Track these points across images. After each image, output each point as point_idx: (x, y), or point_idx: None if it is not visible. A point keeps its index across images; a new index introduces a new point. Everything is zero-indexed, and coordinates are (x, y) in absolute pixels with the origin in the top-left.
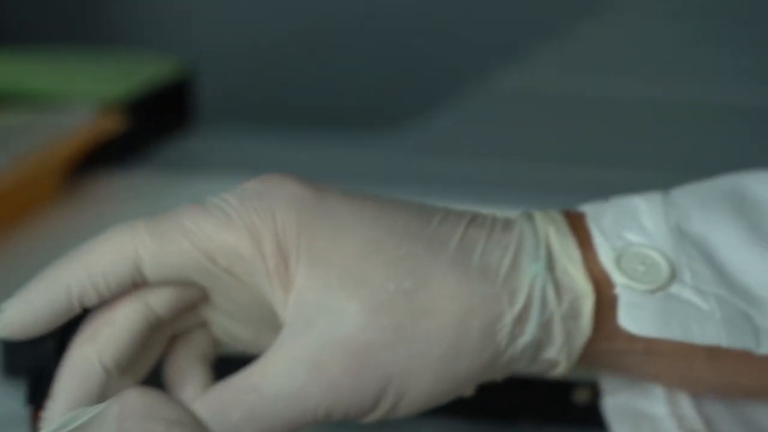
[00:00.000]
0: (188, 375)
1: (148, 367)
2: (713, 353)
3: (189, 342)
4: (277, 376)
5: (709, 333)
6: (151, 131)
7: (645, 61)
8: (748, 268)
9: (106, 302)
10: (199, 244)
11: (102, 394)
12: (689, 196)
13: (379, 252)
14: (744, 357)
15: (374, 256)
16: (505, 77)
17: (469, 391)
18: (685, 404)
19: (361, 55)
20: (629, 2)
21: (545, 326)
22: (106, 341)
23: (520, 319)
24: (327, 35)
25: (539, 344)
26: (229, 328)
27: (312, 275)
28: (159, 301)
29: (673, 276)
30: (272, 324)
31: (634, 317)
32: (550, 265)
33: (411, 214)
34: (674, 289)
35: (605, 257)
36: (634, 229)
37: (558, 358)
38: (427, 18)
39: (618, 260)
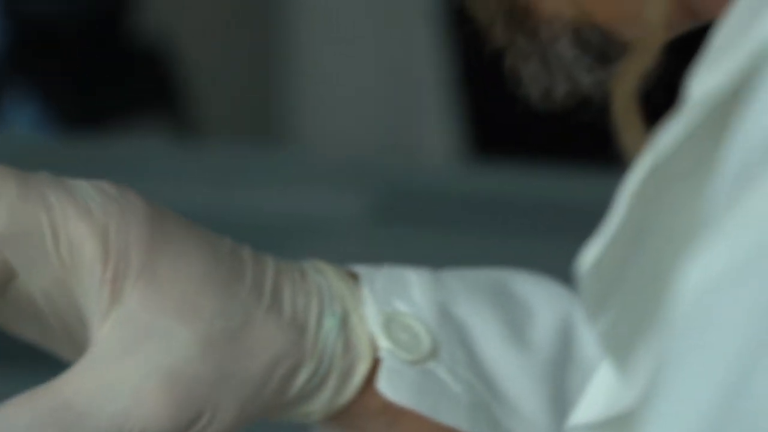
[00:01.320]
0: None
1: None
2: None
3: None
4: (97, 396)
5: (454, 415)
6: None
7: None
8: (497, 360)
9: None
10: (52, 221)
11: None
12: (458, 281)
13: (214, 287)
14: None
15: (209, 291)
16: None
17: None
18: None
19: None
20: None
21: (323, 379)
22: None
23: (313, 372)
24: None
25: (311, 395)
26: (24, 308)
27: (149, 297)
28: None
29: (434, 353)
30: (68, 326)
31: (394, 384)
32: (344, 321)
33: (234, 254)
34: (432, 365)
35: (374, 320)
36: (404, 299)
37: (316, 409)
38: None
39: (386, 325)
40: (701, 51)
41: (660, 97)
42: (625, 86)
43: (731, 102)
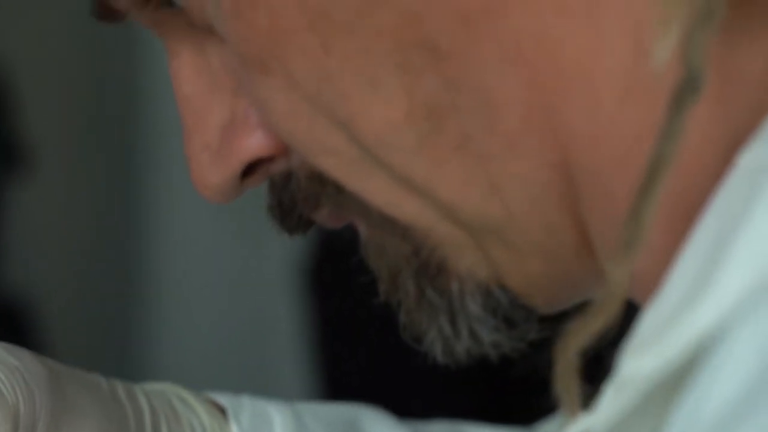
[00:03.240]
0: None
1: None
2: None
3: None
4: None
5: None
6: None
7: None
8: None
9: None
10: None
11: None
12: (315, 422)
13: None
14: None
15: None
16: None
17: None
18: None
19: None
20: None
21: None
22: None
23: None
24: None
25: None
26: None
27: None
28: None
29: None
30: None
31: None
32: None
33: (115, 400)
34: None
35: None
36: None
37: None
38: None
39: None
40: (629, 325)
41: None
42: (573, 345)
43: (668, 386)
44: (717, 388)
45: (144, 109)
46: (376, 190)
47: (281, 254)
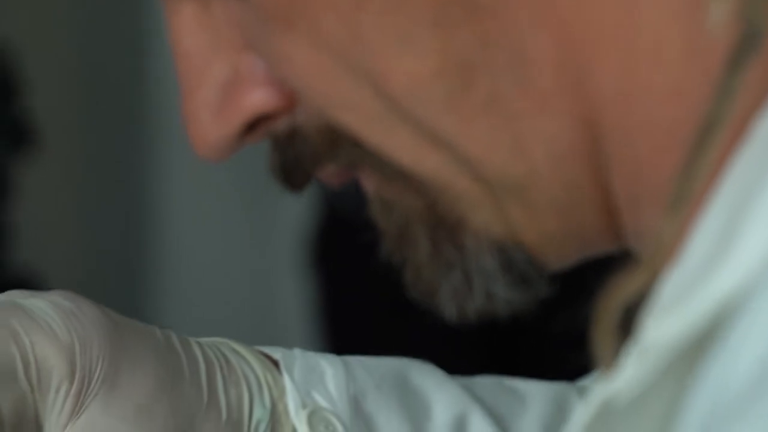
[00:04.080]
0: None
1: None
2: None
3: None
4: None
5: None
6: None
7: None
8: None
9: None
10: (20, 347)
11: None
12: (366, 374)
13: (164, 390)
14: None
15: (161, 395)
16: None
17: None
18: None
19: None
20: None
21: None
22: None
23: None
24: None
25: None
26: None
27: (110, 405)
28: None
29: None
30: None
31: None
32: (271, 412)
33: (169, 348)
34: None
35: (297, 413)
36: (321, 392)
37: None
38: None
39: (310, 417)
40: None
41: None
42: (618, 301)
43: (689, 353)
44: (745, 354)
45: (149, 87)
46: (398, 145)
47: (287, 223)
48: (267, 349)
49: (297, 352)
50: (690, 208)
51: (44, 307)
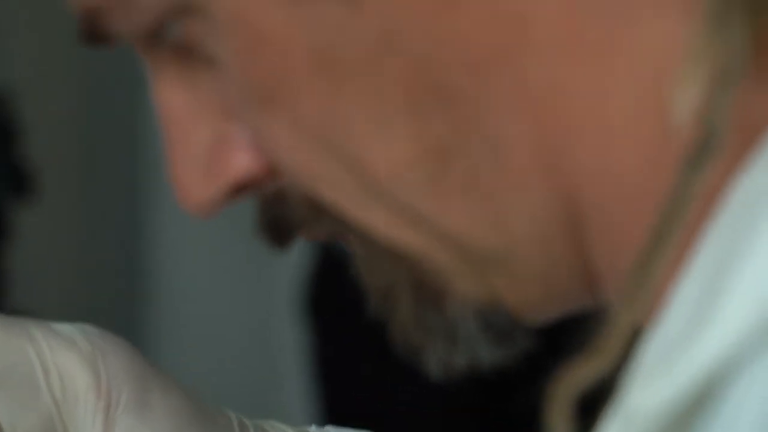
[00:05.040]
0: None
1: None
2: None
3: None
4: None
5: None
6: None
7: None
8: None
9: None
10: (39, 352)
11: None
12: None
13: (197, 425)
14: None
15: (195, 428)
16: None
17: None
18: None
19: None
20: None
21: None
22: None
23: None
24: None
25: None
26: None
27: (142, 426)
28: None
29: None
30: None
31: None
32: None
33: (200, 405)
34: None
35: None
36: None
37: None
38: None
39: None
40: (630, 356)
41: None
42: (570, 386)
43: (683, 417)
44: (743, 424)
45: (148, 136)
46: (377, 222)
47: (285, 270)
48: (300, 428)
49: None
50: (645, 300)
51: (68, 326)
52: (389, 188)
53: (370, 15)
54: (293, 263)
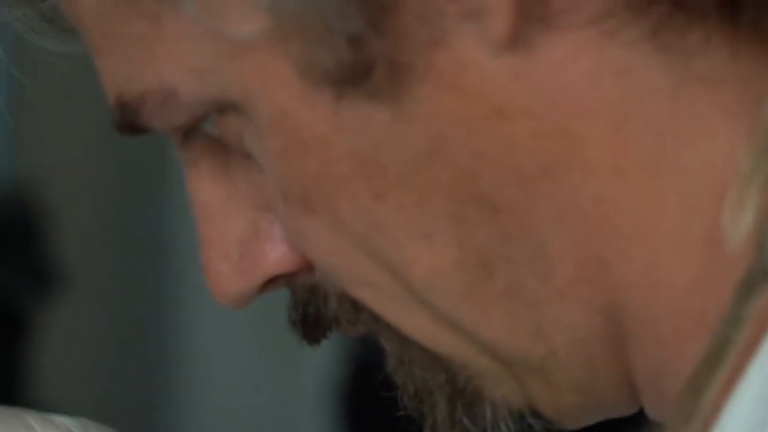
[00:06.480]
0: None
1: None
2: None
3: None
4: None
5: None
6: None
7: None
8: None
9: None
10: None
11: None
12: None
13: None
14: None
15: None
16: None
17: None
18: None
19: None
20: None
21: None
22: None
23: None
24: None
25: None
26: None
27: None
28: None
29: None
30: None
31: None
32: None
33: None
34: None
35: None
36: None
37: None
38: None
39: None
40: None
41: None
42: None
43: None
44: None
45: (174, 229)
46: (416, 326)
47: (315, 370)
48: None
49: None
50: (697, 422)
51: (66, 419)
52: (428, 294)
53: (416, 122)
54: (323, 359)
